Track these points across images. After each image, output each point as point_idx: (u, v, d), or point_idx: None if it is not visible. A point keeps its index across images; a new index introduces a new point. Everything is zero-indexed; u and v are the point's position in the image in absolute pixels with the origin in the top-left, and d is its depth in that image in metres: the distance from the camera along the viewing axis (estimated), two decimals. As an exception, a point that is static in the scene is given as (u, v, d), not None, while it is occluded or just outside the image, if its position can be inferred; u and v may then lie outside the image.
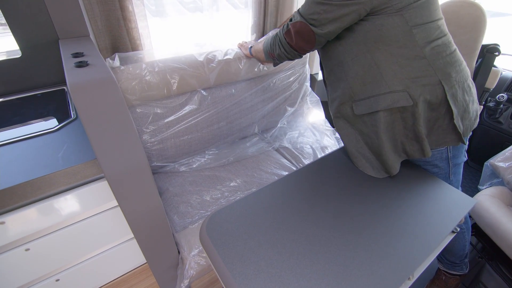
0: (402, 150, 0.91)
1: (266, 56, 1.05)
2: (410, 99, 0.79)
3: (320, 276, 0.66)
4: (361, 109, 0.87)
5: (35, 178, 0.66)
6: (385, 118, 0.85)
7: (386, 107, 0.82)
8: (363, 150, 0.95)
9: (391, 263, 0.70)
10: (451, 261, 1.27)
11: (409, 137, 0.87)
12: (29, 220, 0.72)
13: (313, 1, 0.78)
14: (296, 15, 0.84)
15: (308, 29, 0.81)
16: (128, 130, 0.71)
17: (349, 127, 0.95)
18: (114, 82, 0.66)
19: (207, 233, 0.75)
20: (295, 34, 0.85)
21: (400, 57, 0.78)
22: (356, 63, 0.83)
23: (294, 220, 0.79)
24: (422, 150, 0.87)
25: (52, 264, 0.83)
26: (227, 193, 1.25)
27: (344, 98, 0.90)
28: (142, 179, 0.79)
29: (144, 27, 1.20)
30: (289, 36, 0.87)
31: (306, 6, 0.80)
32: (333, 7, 0.75)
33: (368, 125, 0.89)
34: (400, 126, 0.86)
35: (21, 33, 0.98)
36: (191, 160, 1.41)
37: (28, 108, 0.99)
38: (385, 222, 0.80)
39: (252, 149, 1.52)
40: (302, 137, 1.70)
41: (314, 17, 0.78)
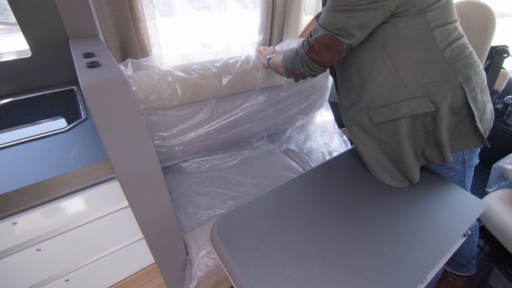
0: (421, 155, 0.89)
1: (287, 73, 0.99)
2: (432, 104, 0.77)
3: (333, 279, 0.66)
4: (380, 116, 0.84)
5: (48, 179, 0.66)
6: (407, 125, 0.83)
7: (408, 113, 0.80)
8: (380, 159, 0.92)
9: (404, 267, 0.70)
10: (459, 263, 1.27)
11: (429, 143, 0.85)
12: (40, 220, 0.72)
13: (334, 10, 0.73)
14: (317, 29, 0.78)
15: (335, 41, 0.76)
16: (140, 130, 0.71)
17: (365, 136, 0.92)
18: (126, 82, 0.66)
19: (218, 234, 0.75)
20: (322, 49, 0.79)
21: (420, 62, 0.76)
22: (374, 69, 0.81)
23: (304, 223, 0.79)
24: (442, 156, 0.85)
25: (63, 264, 0.83)
26: (235, 194, 1.24)
27: (361, 105, 0.87)
28: (153, 179, 0.79)
29: (153, 27, 1.20)
30: (314, 53, 0.82)
31: (328, 17, 0.75)
32: (358, 13, 0.71)
33: (388, 133, 0.86)
34: (420, 131, 0.84)
35: (31, 32, 0.98)
36: (199, 162, 1.41)
37: (37, 108, 0.99)
38: (396, 225, 0.79)
39: (259, 150, 1.52)
40: (309, 139, 1.69)
41: (340, 27, 0.74)
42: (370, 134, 0.91)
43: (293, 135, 1.70)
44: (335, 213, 0.82)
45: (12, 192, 0.63)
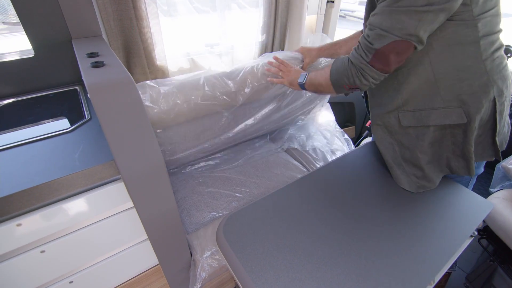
0: (446, 165, 0.87)
1: (339, 90, 0.88)
2: (465, 116, 0.76)
3: (341, 281, 0.65)
4: (409, 121, 0.83)
5: (53, 180, 0.65)
6: (434, 133, 0.82)
7: (438, 123, 0.79)
8: (398, 161, 0.91)
9: (412, 268, 0.69)
10: None
11: (456, 154, 0.84)
12: (45, 222, 0.72)
13: (400, 11, 0.64)
14: (382, 35, 0.68)
15: (408, 46, 0.68)
16: (145, 131, 0.70)
17: (388, 137, 0.91)
18: (132, 82, 0.65)
19: (224, 235, 0.74)
20: (391, 57, 0.71)
21: (462, 71, 0.73)
22: (413, 73, 0.78)
23: (311, 223, 0.78)
24: (468, 168, 0.83)
25: (67, 266, 0.82)
26: (238, 195, 1.24)
27: (391, 107, 0.85)
28: (158, 180, 0.78)
29: (156, 26, 1.20)
30: (381, 61, 0.72)
31: (393, 20, 0.66)
32: (430, 15, 0.64)
33: (412, 138, 0.85)
34: (448, 141, 0.82)
35: (34, 32, 0.97)
36: (202, 163, 1.40)
37: (40, 108, 0.99)
38: (404, 227, 0.79)
39: (261, 150, 1.51)
40: (311, 138, 1.69)
41: (411, 32, 0.65)
42: (393, 136, 0.89)
43: (294, 134, 1.69)
44: (342, 214, 0.81)
45: (16, 194, 0.62)
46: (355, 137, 2.54)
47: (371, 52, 0.72)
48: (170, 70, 1.34)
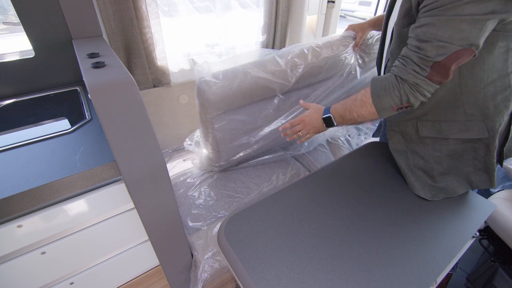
0: (466, 181, 0.85)
1: (385, 113, 0.77)
2: (486, 131, 0.75)
3: (342, 282, 0.65)
4: (428, 131, 0.81)
5: (54, 181, 0.65)
6: (453, 146, 0.80)
7: (458, 136, 0.77)
8: (411, 168, 0.89)
9: (414, 269, 0.69)
10: None
11: (477, 168, 0.82)
12: (46, 223, 0.71)
13: (462, 20, 0.60)
14: (443, 46, 0.63)
15: (470, 54, 0.64)
16: (147, 132, 0.70)
17: (403, 145, 0.89)
18: (133, 83, 0.65)
19: (226, 236, 0.74)
20: (454, 67, 0.65)
21: (488, 84, 0.71)
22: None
23: (312, 224, 0.78)
24: (490, 181, 0.81)
25: (67, 267, 0.82)
26: (239, 196, 1.24)
27: (411, 115, 0.83)
28: (159, 181, 0.78)
29: (157, 28, 1.19)
30: (443, 74, 0.66)
31: (453, 29, 0.61)
32: (490, 24, 0.60)
33: (429, 149, 0.83)
34: (469, 156, 0.81)
35: (34, 33, 0.97)
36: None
37: (41, 109, 0.98)
38: (406, 228, 0.79)
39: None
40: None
41: (472, 42, 0.61)
42: (408, 144, 0.87)
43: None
44: (343, 215, 0.81)
45: (17, 195, 0.62)
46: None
47: (429, 65, 0.66)
48: (171, 70, 1.34)
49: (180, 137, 1.58)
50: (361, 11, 7.17)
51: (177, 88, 1.41)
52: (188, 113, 1.53)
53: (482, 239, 1.52)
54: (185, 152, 1.52)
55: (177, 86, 1.40)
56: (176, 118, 1.50)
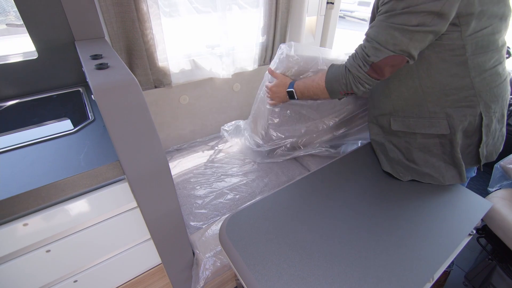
0: (438, 173, 0.91)
1: (334, 95, 0.90)
2: (448, 128, 0.81)
3: (342, 278, 0.66)
4: (398, 125, 0.89)
5: (59, 180, 0.66)
6: (421, 140, 0.87)
7: (423, 131, 0.84)
8: (389, 154, 0.97)
9: (412, 266, 0.70)
10: None
11: (447, 162, 0.88)
12: (51, 221, 0.72)
13: (394, 28, 0.68)
14: (378, 48, 0.71)
15: (402, 60, 0.72)
16: (150, 131, 0.72)
17: (381, 136, 0.97)
18: (136, 84, 0.66)
19: (227, 234, 0.76)
20: (386, 68, 0.75)
21: (448, 86, 0.77)
22: (402, 84, 0.83)
23: (312, 222, 0.80)
24: (460, 176, 0.88)
25: (72, 265, 0.83)
26: (240, 194, 1.25)
27: (384, 111, 0.91)
28: (162, 180, 0.79)
29: (159, 29, 1.21)
30: (377, 72, 0.76)
31: (387, 35, 0.69)
32: (420, 35, 0.68)
33: (402, 141, 0.91)
34: (438, 150, 0.87)
35: (37, 34, 0.98)
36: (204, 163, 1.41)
37: (44, 109, 1.00)
38: (404, 225, 0.80)
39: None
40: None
41: (403, 48, 0.69)
42: (386, 136, 0.96)
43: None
44: (342, 213, 0.83)
45: (23, 194, 0.63)
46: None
47: (369, 63, 0.75)
48: (172, 71, 1.35)
49: (181, 137, 1.60)
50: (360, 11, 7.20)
51: (178, 88, 1.42)
52: (188, 114, 1.54)
53: (480, 238, 1.54)
54: (186, 151, 1.53)
55: (178, 87, 1.41)
56: (177, 118, 1.51)
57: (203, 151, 1.54)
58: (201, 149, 1.55)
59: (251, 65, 1.59)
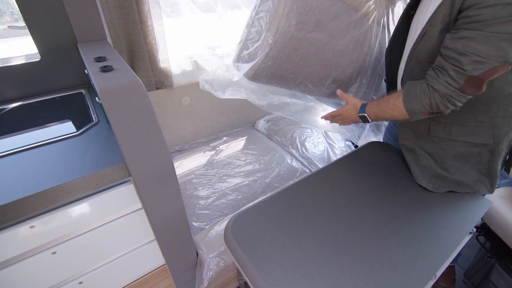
0: (470, 181, 0.88)
1: (415, 117, 0.80)
2: (492, 138, 0.79)
3: (347, 277, 0.67)
4: (439, 131, 0.85)
5: (66, 182, 0.67)
6: (460, 148, 0.84)
7: (465, 139, 0.82)
8: (420, 162, 0.93)
9: (414, 265, 0.71)
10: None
11: (480, 172, 0.86)
12: (57, 223, 0.73)
13: (502, 38, 0.61)
14: (481, 61, 0.64)
15: (505, 70, 0.66)
16: (155, 133, 0.72)
17: (412, 142, 0.93)
18: (141, 86, 0.67)
19: (232, 234, 0.76)
20: (486, 82, 0.68)
21: (503, 97, 0.75)
22: None
23: (316, 222, 0.80)
24: (491, 186, 0.86)
25: (77, 267, 0.84)
26: (243, 195, 1.26)
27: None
28: (167, 182, 0.80)
29: (160, 31, 1.21)
30: (476, 87, 0.69)
31: (492, 47, 0.63)
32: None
33: (436, 147, 0.87)
34: (474, 160, 0.85)
35: (40, 36, 0.99)
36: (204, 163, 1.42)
37: (47, 112, 1.00)
38: (406, 225, 0.81)
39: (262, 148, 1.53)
40: (309, 137, 1.71)
41: (509, 60, 0.63)
42: (417, 141, 0.92)
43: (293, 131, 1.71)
44: (345, 213, 0.84)
45: (31, 196, 0.63)
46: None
47: (463, 79, 0.68)
48: (173, 72, 1.36)
49: (182, 138, 1.60)
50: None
51: (179, 90, 1.43)
52: (190, 115, 1.55)
53: (479, 236, 1.56)
54: (188, 152, 1.54)
55: (179, 88, 1.42)
56: (178, 120, 1.52)
57: (204, 152, 1.54)
58: (203, 150, 1.56)
59: (251, 66, 1.59)
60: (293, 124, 1.79)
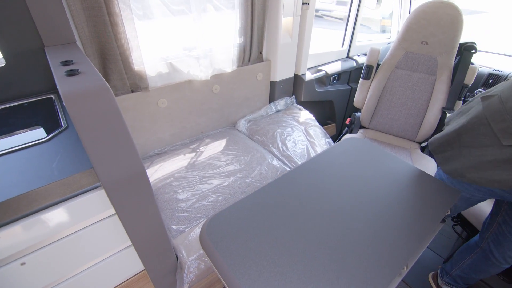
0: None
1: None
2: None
3: (320, 272, 0.68)
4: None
5: (30, 191, 0.65)
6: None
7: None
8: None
9: (387, 255, 0.73)
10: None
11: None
12: (24, 233, 0.70)
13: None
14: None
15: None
16: (123, 137, 0.71)
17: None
18: (108, 89, 0.66)
19: (208, 236, 0.76)
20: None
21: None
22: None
23: (292, 219, 0.81)
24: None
25: (50, 277, 0.81)
26: (223, 196, 1.25)
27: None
28: (139, 185, 0.79)
29: (132, 33, 1.19)
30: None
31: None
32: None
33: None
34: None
35: (4, 41, 0.95)
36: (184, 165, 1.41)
37: (14, 118, 0.96)
38: (379, 217, 0.83)
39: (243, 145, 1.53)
40: (290, 136, 1.72)
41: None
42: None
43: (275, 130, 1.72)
44: (321, 208, 0.85)
45: None
46: (336, 134, 2.61)
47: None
48: (148, 74, 1.34)
49: (161, 141, 1.58)
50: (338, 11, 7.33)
51: (156, 92, 1.41)
52: (168, 117, 1.53)
53: (456, 225, 1.61)
54: (168, 155, 1.52)
55: (155, 91, 1.40)
56: (156, 122, 1.50)
57: (184, 154, 1.53)
58: (183, 152, 1.54)
59: (229, 67, 1.59)
60: (274, 123, 1.80)
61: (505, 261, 1.06)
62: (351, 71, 2.35)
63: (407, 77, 1.77)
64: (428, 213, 0.86)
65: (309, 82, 2.03)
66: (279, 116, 1.90)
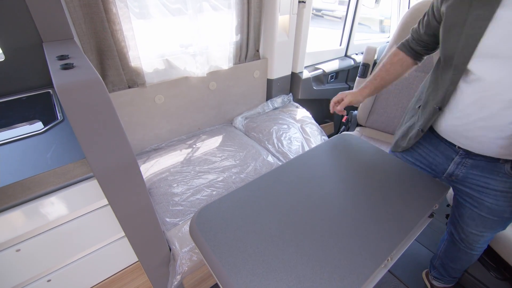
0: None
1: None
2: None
3: (304, 261, 0.70)
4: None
5: (25, 179, 0.67)
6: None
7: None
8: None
9: (371, 248, 0.75)
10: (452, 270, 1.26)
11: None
12: (19, 220, 0.73)
13: None
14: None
15: None
16: (115, 128, 0.73)
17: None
18: (100, 82, 0.68)
19: (197, 226, 0.78)
20: None
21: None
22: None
23: (280, 211, 0.83)
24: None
25: (44, 264, 0.83)
26: (217, 190, 1.28)
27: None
28: (131, 176, 0.81)
29: (129, 29, 1.22)
30: None
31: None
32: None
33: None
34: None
35: (4, 36, 0.98)
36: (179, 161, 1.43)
37: (13, 112, 0.99)
38: (366, 210, 0.85)
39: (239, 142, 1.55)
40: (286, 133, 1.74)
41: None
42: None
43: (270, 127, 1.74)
44: (307, 200, 0.87)
45: None
46: (334, 132, 2.62)
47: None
48: (145, 71, 1.36)
49: (158, 137, 1.61)
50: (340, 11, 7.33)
51: (153, 88, 1.43)
52: (164, 113, 1.56)
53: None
54: (164, 150, 1.55)
55: (152, 87, 1.43)
56: (153, 118, 1.52)
57: (180, 149, 1.55)
58: (179, 148, 1.57)
59: (226, 64, 1.61)
60: (270, 121, 1.82)
61: (466, 246, 1.07)
62: (349, 69, 2.36)
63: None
64: (415, 206, 0.87)
65: (307, 80, 2.05)
66: (276, 114, 1.92)
